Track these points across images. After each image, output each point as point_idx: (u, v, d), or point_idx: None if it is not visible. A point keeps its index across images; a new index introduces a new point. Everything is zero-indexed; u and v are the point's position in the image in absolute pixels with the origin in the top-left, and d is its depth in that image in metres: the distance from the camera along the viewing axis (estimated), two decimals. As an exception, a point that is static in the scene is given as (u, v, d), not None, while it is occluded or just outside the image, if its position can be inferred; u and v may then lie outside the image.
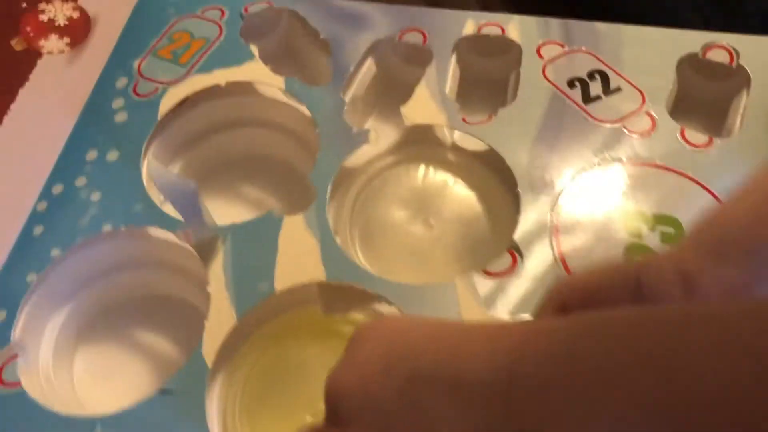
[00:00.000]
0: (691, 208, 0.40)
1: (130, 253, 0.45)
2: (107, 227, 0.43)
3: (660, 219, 0.40)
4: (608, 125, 0.44)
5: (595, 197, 0.41)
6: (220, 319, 0.39)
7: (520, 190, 0.42)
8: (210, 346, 0.38)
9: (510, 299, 0.38)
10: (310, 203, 0.43)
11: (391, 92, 0.49)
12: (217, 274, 0.41)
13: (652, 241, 0.39)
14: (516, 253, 0.39)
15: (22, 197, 0.46)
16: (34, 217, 0.45)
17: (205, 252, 0.41)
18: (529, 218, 0.41)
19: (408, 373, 0.24)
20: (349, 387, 0.25)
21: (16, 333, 0.41)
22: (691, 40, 0.46)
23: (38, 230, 0.44)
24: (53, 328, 0.44)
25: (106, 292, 0.46)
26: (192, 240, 0.41)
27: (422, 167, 0.47)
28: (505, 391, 0.21)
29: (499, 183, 0.44)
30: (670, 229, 0.39)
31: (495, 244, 0.42)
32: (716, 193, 0.40)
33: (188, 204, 0.39)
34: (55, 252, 0.43)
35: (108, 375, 0.44)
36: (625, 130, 0.43)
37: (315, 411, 0.39)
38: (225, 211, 0.45)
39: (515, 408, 0.21)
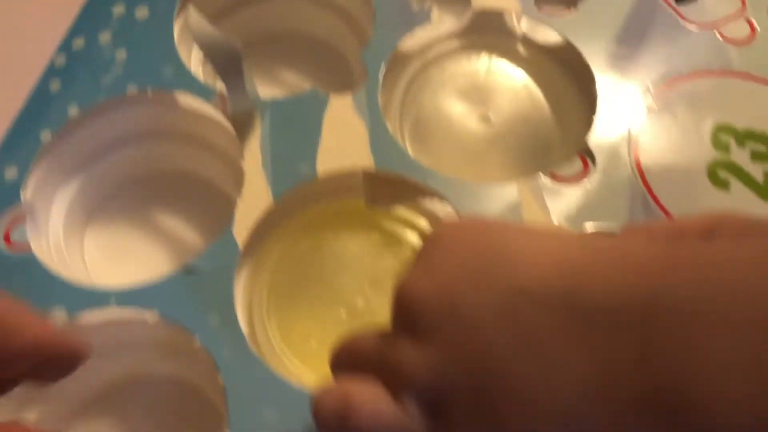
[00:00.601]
0: (789, 126, 0.36)
1: (154, 122, 0.40)
2: (132, 89, 0.39)
3: (751, 135, 0.36)
4: (701, 29, 0.39)
5: (681, 106, 0.37)
6: (255, 198, 0.35)
7: (597, 88, 0.37)
8: (242, 226, 0.34)
9: (579, 207, 0.34)
10: (360, 84, 0.38)
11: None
12: (253, 151, 0.37)
13: (741, 157, 0.35)
14: (588, 158, 0.35)
15: (38, 49, 0.41)
16: (52, 72, 0.40)
17: (241, 126, 0.37)
18: (605, 121, 0.36)
19: (508, 287, 0.20)
20: (430, 296, 0.21)
21: (27, 193, 0.37)
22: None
23: (55, 85, 0.40)
24: (65, 196, 0.40)
25: (124, 163, 0.42)
26: (228, 110, 0.37)
27: (486, 57, 0.42)
28: (641, 322, 0.17)
29: (573, 82, 0.40)
30: (761, 147, 0.35)
31: (563, 149, 0.38)
32: (819, 112, 0.36)
33: (230, 67, 0.34)
34: (73, 111, 0.39)
35: (121, 254, 0.40)
36: (720, 37, 0.39)
37: (349, 306, 0.35)
38: (260, 89, 0.41)
39: (654, 343, 0.17)
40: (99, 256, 0.40)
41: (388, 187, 0.36)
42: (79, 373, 0.36)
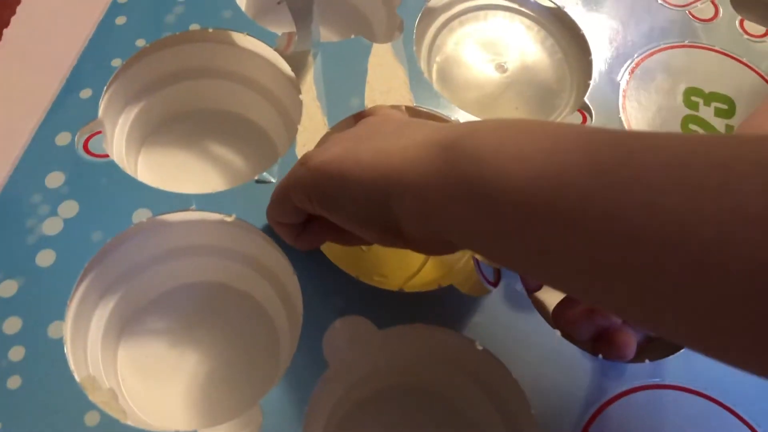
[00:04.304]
0: (743, 88, 0.45)
1: (213, 60, 0.45)
2: (194, 26, 0.44)
3: (715, 96, 0.45)
4: (676, 9, 0.48)
5: (660, 73, 0.45)
6: (313, 125, 0.41)
7: (592, 57, 0.45)
8: (302, 147, 0.40)
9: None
10: (398, 34, 0.45)
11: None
12: (308, 85, 0.42)
13: (707, 114, 0.44)
14: (586, 113, 0.43)
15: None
16: (115, 8, 0.44)
17: (297, 63, 0.43)
18: (600, 83, 0.45)
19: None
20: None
21: (100, 113, 0.41)
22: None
23: (120, 20, 0.44)
24: (127, 118, 0.44)
25: (178, 95, 0.46)
26: (291, 47, 0.43)
27: (503, 15, 0.49)
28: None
29: (575, 45, 0.47)
30: (723, 105, 0.44)
31: (565, 99, 0.46)
32: (766, 77, 0.45)
33: (303, 5, 0.40)
34: (141, 42, 0.43)
35: (169, 177, 0.45)
36: (690, 15, 0.48)
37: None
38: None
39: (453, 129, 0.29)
40: (150, 176, 0.45)
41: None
42: (154, 272, 0.40)
